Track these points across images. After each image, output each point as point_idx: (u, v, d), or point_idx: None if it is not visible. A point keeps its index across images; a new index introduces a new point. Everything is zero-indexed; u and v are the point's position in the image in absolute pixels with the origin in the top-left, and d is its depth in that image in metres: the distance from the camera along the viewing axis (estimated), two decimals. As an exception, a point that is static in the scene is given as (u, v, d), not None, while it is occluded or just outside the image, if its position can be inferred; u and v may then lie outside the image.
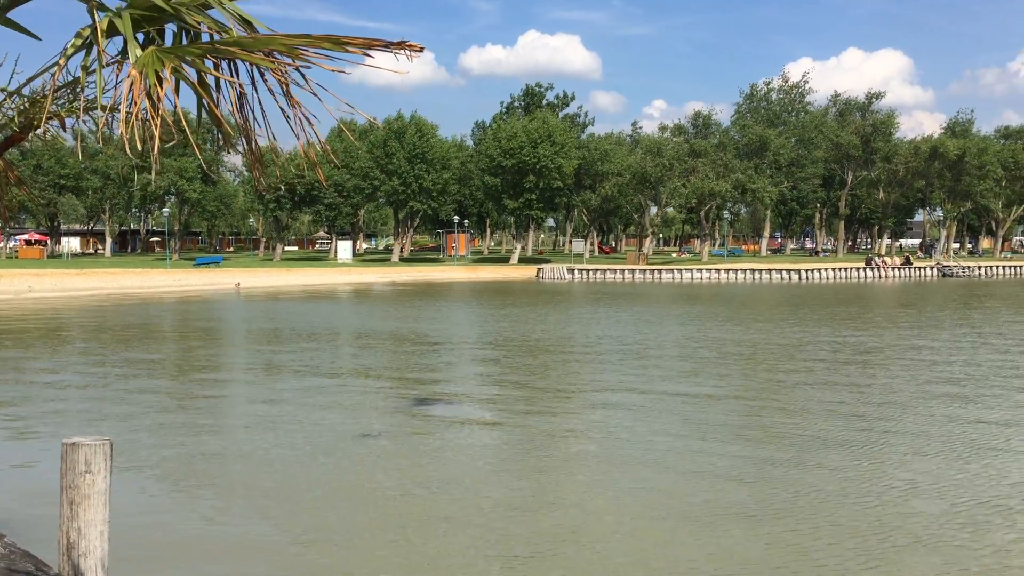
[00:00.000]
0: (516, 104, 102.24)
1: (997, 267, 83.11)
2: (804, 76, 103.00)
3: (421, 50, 3.15)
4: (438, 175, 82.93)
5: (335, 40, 2.94)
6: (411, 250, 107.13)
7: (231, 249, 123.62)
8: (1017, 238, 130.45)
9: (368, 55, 3.04)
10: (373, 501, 11.17)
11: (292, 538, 9.83)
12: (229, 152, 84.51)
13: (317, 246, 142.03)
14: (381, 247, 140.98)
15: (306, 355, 25.21)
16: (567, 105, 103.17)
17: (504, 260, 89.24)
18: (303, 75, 3.06)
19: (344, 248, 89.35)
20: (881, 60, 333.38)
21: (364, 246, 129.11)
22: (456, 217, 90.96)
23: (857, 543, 9.34)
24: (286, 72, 3.06)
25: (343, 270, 75.10)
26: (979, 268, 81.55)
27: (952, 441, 14.16)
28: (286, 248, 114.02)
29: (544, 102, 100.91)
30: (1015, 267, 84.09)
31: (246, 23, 3.34)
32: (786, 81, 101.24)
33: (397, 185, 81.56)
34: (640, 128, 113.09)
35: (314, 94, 3.06)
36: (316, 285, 63.84)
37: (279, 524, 10.24)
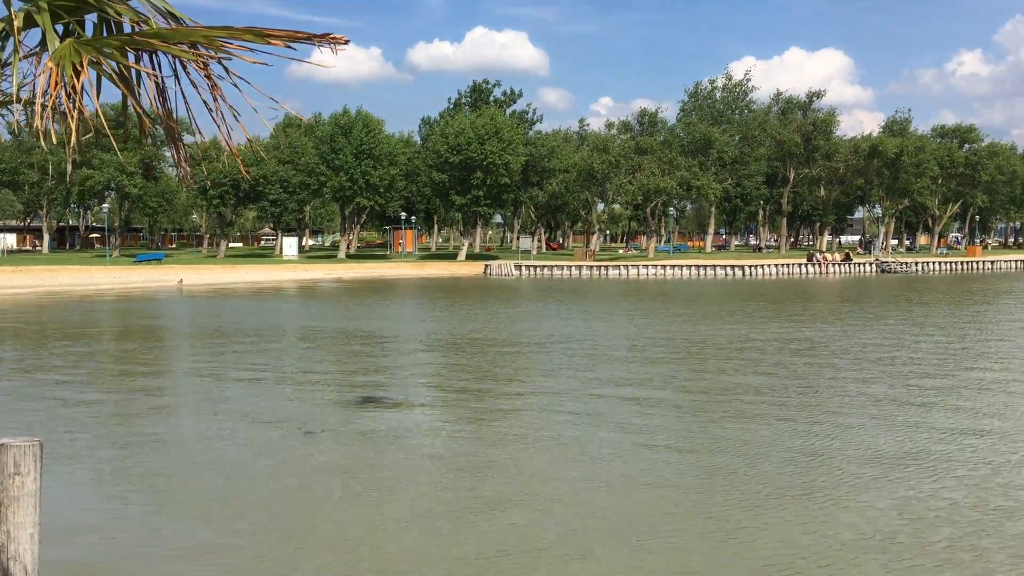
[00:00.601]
0: (463, 100, 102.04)
1: (933, 263, 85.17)
2: (747, 75, 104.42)
3: (346, 43, 3.10)
4: (385, 171, 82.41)
5: (257, 32, 2.89)
6: (358, 247, 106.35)
7: (174, 246, 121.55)
8: (953, 235, 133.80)
9: (291, 47, 2.99)
10: (314, 503, 11.06)
11: (230, 541, 9.69)
12: (160, 147, 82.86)
13: (262, 243, 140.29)
14: (328, 244, 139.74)
15: (251, 354, 24.90)
16: (514, 102, 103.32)
17: (452, 257, 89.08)
18: (226, 68, 3.01)
19: (290, 245, 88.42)
20: (822, 60, 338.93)
21: (310, 243, 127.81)
22: (403, 214, 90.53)
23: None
24: (207, 64, 3.00)
25: (289, 267, 74.31)
26: (916, 264, 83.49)
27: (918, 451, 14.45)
28: (230, 245, 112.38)
29: (491, 99, 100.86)
30: (951, 263, 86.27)
31: (171, 15, 3.27)
32: (730, 79, 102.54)
33: (344, 181, 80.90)
34: (587, 125, 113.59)
35: (235, 86, 3.01)
36: (261, 282, 63.08)
37: (217, 527, 10.08)
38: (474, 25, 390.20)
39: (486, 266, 75.55)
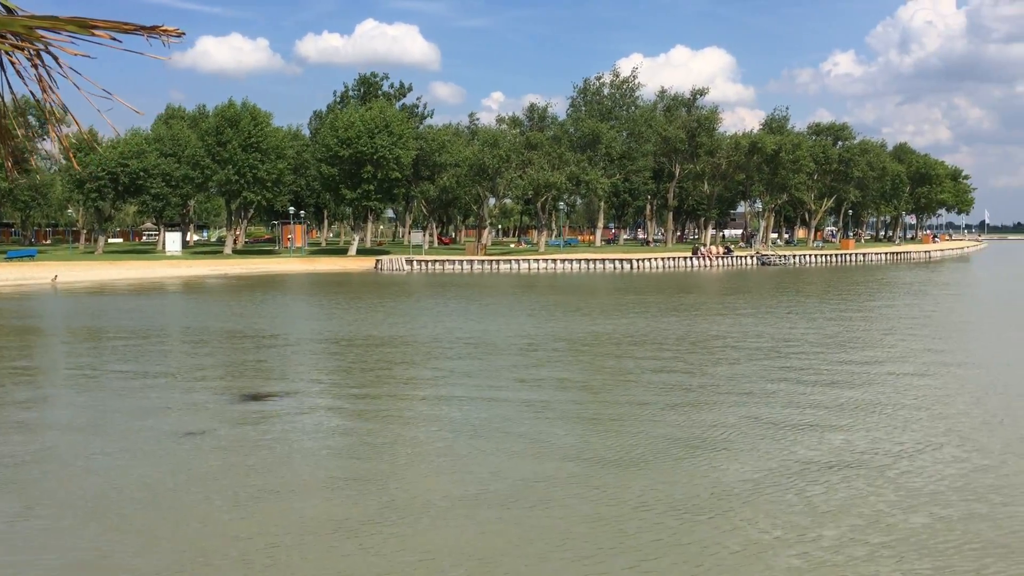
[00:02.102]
0: (351, 93, 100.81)
1: (810, 256, 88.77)
2: (634, 72, 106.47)
3: (180, 35, 3.17)
4: (273, 165, 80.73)
5: (81, 23, 2.93)
6: (246, 242, 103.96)
7: (48, 242, 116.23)
8: (828, 228, 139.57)
9: (116, 39, 3.04)
10: (191, 506, 10.96)
11: (104, 545, 9.55)
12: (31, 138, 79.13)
13: (144, 238, 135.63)
14: (214, 239, 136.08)
15: (131, 354, 24.23)
16: (404, 95, 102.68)
17: (342, 252, 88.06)
18: (55, 58, 3.04)
19: (173, 240, 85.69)
20: (707, 58, 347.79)
21: (195, 238, 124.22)
22: (292, 208, 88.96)
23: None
24: (40, 55, 3.03)
25: (172, 263, 72.10)
26: (794, 257, 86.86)
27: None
28: (110, 240, 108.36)
29: (380, 92, 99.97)
30: (826, 256, 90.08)
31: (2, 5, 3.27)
32: (617, 76, 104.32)
33: (230, 175, 78.90)
34: (477, 120, 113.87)
35: (66, 77, 3.05)
36: (143, 279, 61.07)
37: (93, 533, 9.90)
38: (364, 18, 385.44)
39: (377, 261, 75.03)
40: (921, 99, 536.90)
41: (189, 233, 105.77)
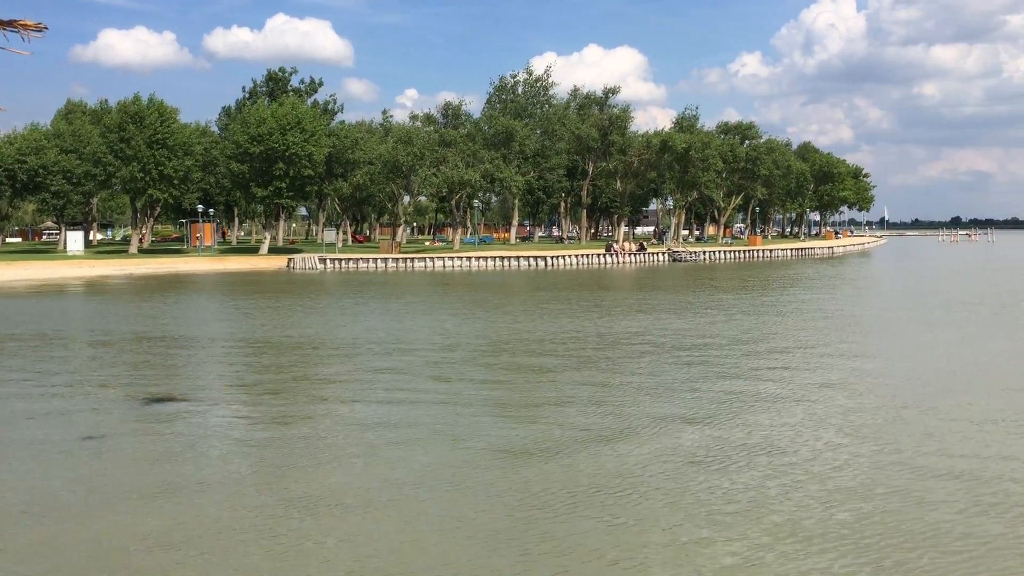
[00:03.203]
0: (260, 89, 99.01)
1: (719, 252, 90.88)
2: (547, 70, 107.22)
3: (43, 30, 3.16)
4: (180, 162, 78.83)
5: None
6: (152, 241, 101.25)
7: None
8: (737, 225, 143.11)
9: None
10: (87, 510, 10.75)
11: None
12: None
13: (44, 237, 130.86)
14: (119, 238, 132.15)
15: (29, 358, 23.46)
16: (316, 91, 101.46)
17: (254, 250, 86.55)
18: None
19: (74, 239, 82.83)
20: (619, 57, 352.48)
21: (99, 237, 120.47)
22: (201, 206, 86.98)
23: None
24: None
25: (74, 263, 69.78)
26: (704, 253, 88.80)
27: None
28: (7, 240, 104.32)
29: (290, 88, 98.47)
30: (735, 252, 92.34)
31: None
32: (531, 75, 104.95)
33: (135, 172, 76.71)
34: (391, 117, 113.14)
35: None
36: (43, 279, 58.97)
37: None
38: (275, 12, 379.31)
39: (289, 260, 74.00)
40: (824, 99, 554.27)
41: (92, 232, 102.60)
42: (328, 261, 73.25)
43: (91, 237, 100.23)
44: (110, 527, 9.88)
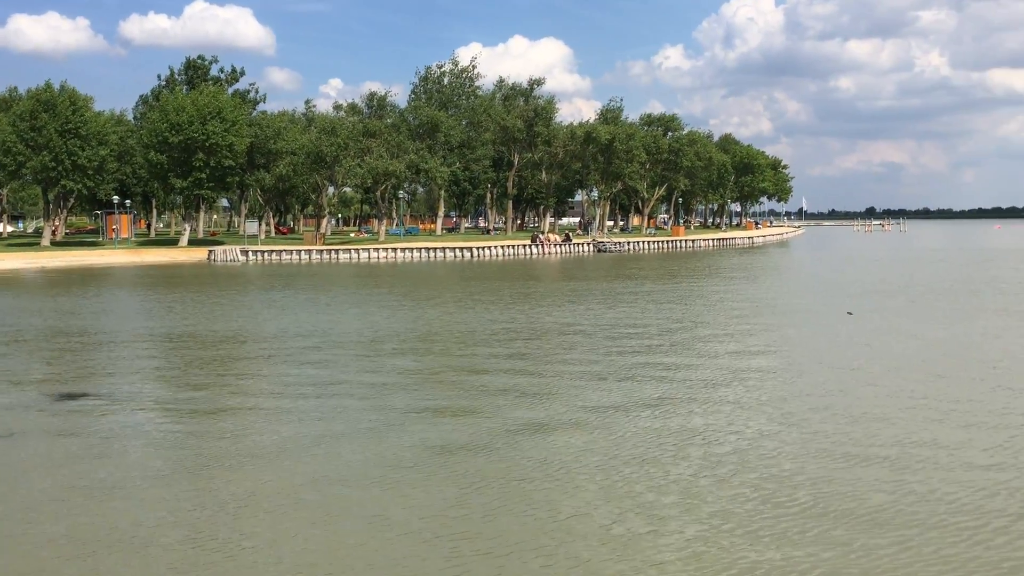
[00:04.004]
0: (177, 78, 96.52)
1: (644, 242, 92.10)
2: (473, 61, 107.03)
3: None
4: (94, 151, 76.41)
5: None
6: (66, 233, 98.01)
7: None
8: (661, 216, 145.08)
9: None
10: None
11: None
12: None
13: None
14: (30, 230, 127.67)
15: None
16: (237, 80, 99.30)
17: (173, 242, 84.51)
18: None
19: (-17, 232, 79.84)
20: (544, 48, 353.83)
21: (10, 229, 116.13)
22: (117, 197, 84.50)
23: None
24: None
25: (-18, 256, 67.13)
26: (629, 244, 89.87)
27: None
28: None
29: (209, 76, 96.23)
30: (658, 242, 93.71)
31: None
32: (456, 65, 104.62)
33: (47, 161, 74.08)
34: (314, 107, 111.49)
35: None
36: (-52, 274, 56.64)
37: None
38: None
39: (210, 252, 72.50)
40: (744, 92, 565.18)
41: (2, 224, 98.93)
42: (250, 253, 72.01)
43: (1, 229, 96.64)
44: (19, 530, 9.60)
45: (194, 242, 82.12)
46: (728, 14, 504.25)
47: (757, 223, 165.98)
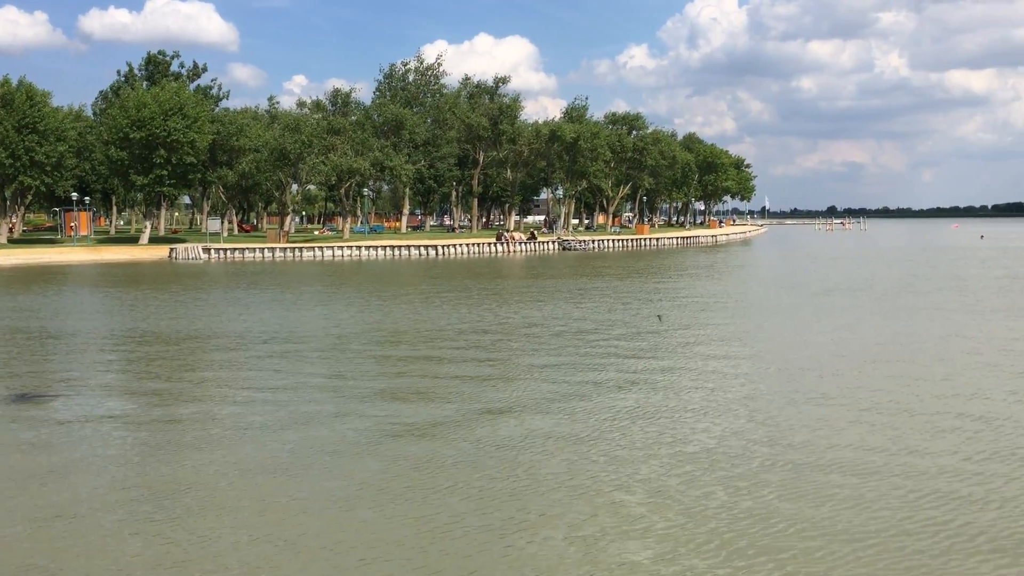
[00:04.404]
0: (137, 73, 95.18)
1: (608, 241, 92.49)
2: (438, 59, 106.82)
3: None
4: (53, 147, 75.20)
5: None
6: (24, 230, 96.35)
7: None
8: (626, 214, 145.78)
9: None
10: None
11: None
12: None
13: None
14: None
15: None
16: (199, 76, 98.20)
17: (134, 240, 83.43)
18: None
19: (-63, 229, 78.17)
20: (510, 46, 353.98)
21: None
22: (76, 194, 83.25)
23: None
24: None
25: (-63, 254, 65.83)
26: (593, 242, 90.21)
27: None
28: None
29: (170, 72, 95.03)
30: (623, 240, 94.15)
31: None
32: (421, 63, 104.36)
33: (2, 157, 72.83)
34: (278, 103, 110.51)
35: None
36: (-99, 272, 55.44)
37: None
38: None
39: (171, 250, 71.67)
40: (708, 92, 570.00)
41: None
42: (212, 251, 71.31)
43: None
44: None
45: (155, 240, 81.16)
46: (692, 14, 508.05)
47: (721, 222, 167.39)
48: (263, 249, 72.88)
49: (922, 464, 11.90)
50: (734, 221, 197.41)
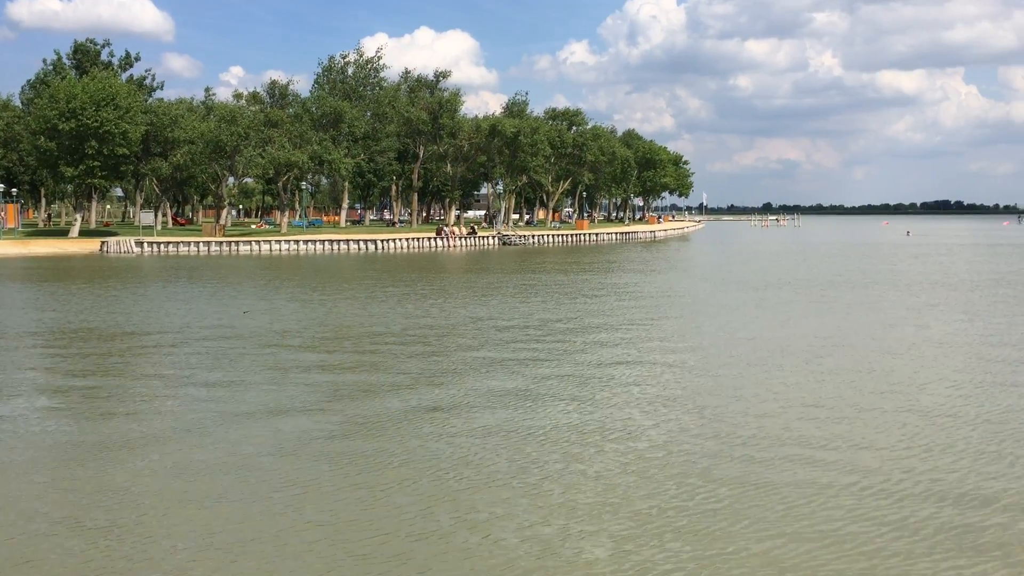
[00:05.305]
0: (66, 62, 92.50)
1: (548, 236, 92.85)
2: (378, 52, 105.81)
3: None
4: (-23, 137, 72.93)
5: None
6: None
7: None
8: (566, 210, 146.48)
9: None
10: None
11: None
12: None
13: None
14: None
15: None
16: (131, 66, 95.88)
17: (63, 233, 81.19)
18: None
19: None
20: (451, 40, 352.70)
21: None
22: (2, 185, 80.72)
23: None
24: None
25: None
26: (533, 237, 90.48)
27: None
28: None
29: (100, 61, 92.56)
30: (563, 235, 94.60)
31: None
32: (361, 56, 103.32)
33: (-77, 148, 70.43)
34: (214, 95, 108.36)
35: None
36: None
37: None
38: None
39: (103, 243, 69.91)
40: (648, 89, 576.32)
41: None
42: (145, 244, 69.77)
43: None
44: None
45: (86, 233, 79.10)
46: (632, 11, 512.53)
47: (659, 217, 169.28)
48: (198, 243, 71.54)
49: (869, 459, 12.12)
50: (672, 217, 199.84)
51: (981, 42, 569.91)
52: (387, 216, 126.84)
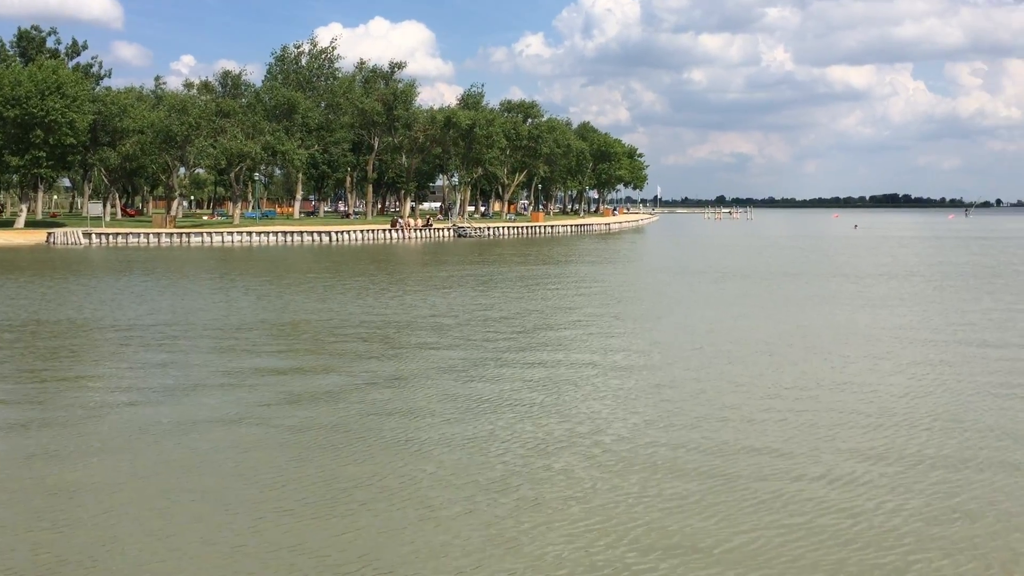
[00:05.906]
0: (9, 50, 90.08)
1: (503, 228, 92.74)
2: (332, 42, 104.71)
3: None
4: (-84, 126, 70.66)
5: None
6: None
7: None
8: (522, 202, 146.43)
9: None
10: None
11: None
12: None
13: None
14: None
15: None
16: (78, 54, 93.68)
17: (8, 224, 79.20)
18: None
19: None
20: (406, 31, 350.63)
21: None
22: (-57, 175, 78.55)
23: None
24: None
25: None
26: (489, 229, 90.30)
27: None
28: None
29: (45, 48, 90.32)
30: (518, 228, 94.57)
31: None
32: (315, 46, 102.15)
33: None
34: (164, 84, 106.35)
35: None
36: None
37: None
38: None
39: (49, 234, 68.29)
40: (603, 81, 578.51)
41: None
42: (93, 236, 68.31)
43: None
44: None
45: (32, 224, 77.23)
46: (587, 4, 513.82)
47: (614, 210, 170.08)
48: (148, 234, 70.20)
49: (834, 450, 12.24)
50: (627, 209, 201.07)
51: (929, 38, 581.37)
52: (342, 208, 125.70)
